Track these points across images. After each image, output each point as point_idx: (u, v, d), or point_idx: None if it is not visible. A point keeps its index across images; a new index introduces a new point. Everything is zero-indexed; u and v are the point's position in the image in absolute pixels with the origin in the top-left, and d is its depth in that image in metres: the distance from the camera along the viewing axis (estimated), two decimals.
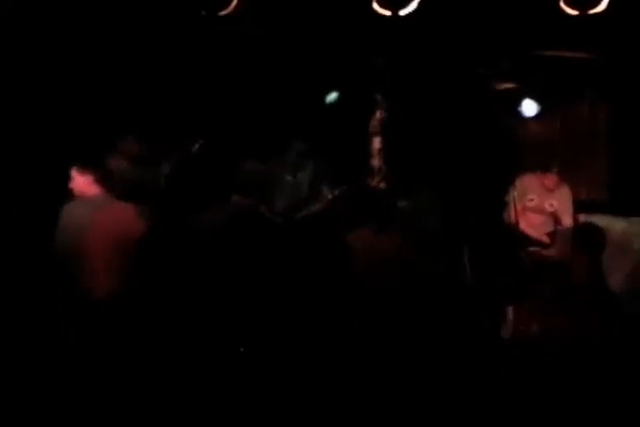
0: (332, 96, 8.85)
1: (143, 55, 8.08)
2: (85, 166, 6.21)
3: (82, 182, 6.22)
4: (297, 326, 6.46)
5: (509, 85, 8.78)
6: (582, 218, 8.25)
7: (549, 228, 8.17)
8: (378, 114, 9.02)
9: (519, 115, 9.01)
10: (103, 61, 7.96)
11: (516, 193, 7.88)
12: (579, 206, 8.32)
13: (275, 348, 6.31)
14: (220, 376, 5.96)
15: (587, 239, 6.49)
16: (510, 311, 7.44)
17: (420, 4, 6.84)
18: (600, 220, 8.07)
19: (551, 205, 8.17)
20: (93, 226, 5.93)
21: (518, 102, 8.89)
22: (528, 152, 9.42)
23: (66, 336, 5.91)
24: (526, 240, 7.96)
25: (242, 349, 6.26)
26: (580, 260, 6.29)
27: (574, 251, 6.48)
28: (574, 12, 6.79)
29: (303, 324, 6.49)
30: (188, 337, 6.13)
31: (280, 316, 6.48)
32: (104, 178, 6.20)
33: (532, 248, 7.91)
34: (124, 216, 6.01)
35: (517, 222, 7.74)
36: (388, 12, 6.87)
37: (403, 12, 6.85)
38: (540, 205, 8.17)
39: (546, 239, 8.01)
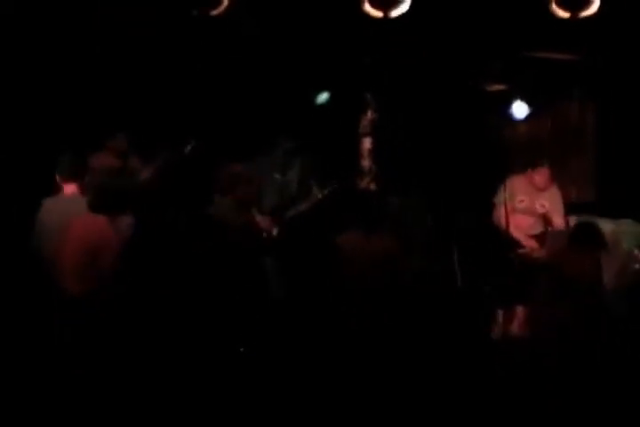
0: (323, 96, 8.82)
1: (136, 54, 8.07)
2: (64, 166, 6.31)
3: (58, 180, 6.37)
4: (290, 325, 6.48)
5: (499, 87, 8.77)
6: (572, 220, 8.26)
7: (538, 229, 8.15)
8: (368, 114, 9.01)
9: (509, 116, 9.01)
10: (97, 61, 7.95)
11: (506, 194, 7.86)
12: (568, 208, 8.31)
13: (267, 348, 6.33)
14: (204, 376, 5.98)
15: (586, 237, 6.49)
16: (500, 313, 7.47)
17: (411, 5, 6.81)
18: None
19: (542, 205, 8.13)
20: (67, 228, 5.94)
21: (508, 104, 8.89)
22: (518, 153, 9.42)
23: (43, 333, 5.91)
24: (515, 242, 7.95)
25: (241, 349, 6.28)
26: (578, 259, 6.29)
27: (571, 250, 6.48)
28: (566, 15, 6.77)
29: (296, 322, 6.51)
30: (175, 337, 6.14)
31: (272, 315, 6.50)
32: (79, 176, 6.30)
33: (521, 250, 7.91)
34: (94, 226, 5.96)
35: (507, 224, 7.72)
36: (379, 14, 6.84)
37: (394, 14, 6.81)
38: (530, 207, 8.13)
39: (532, 244, 7.99)
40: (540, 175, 8.08)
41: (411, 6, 6.85)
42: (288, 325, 6.69)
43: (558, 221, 8.06)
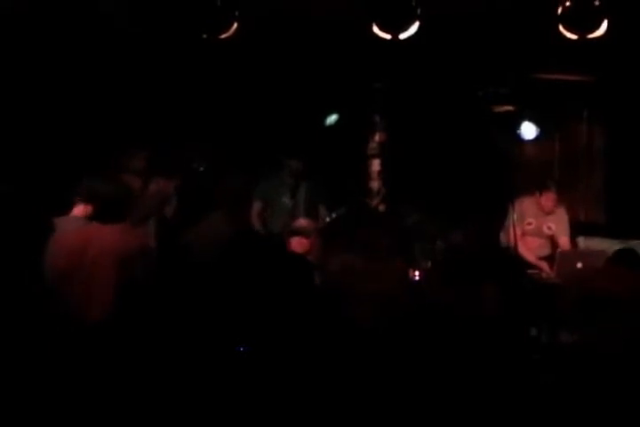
0: (332, 118, 8.85)
1: (150, 75, 8.14)
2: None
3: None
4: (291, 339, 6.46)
5: (508, 108, 8.78)
6: (581, 241, 8.28)
7: (547, 250, 8.17)
8: (377, 136, 9.03)
9: (518, 137, 9.02)
10: (115, 83, 8.02)
11: (515, 216, 7.85)
12: (577, 229, 8.33)
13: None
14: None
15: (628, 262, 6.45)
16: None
17: (419, 27, 6.82)
18: (598, 243, 8.12)
19: (549, 228, 8.17)
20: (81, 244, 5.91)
21: (517, 125, 8.90)
22: (527, 174, 9.43)
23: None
24: (525, 264, 7.95)
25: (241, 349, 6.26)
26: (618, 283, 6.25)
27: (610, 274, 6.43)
28: (574, 37, 6.77)
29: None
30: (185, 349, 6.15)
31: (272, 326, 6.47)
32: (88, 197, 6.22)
33: (530, 271, 7.91)
34: (110, 238, 5.92)
35: (516, 246, 7.70)
36: (388, 36, 6.84)
37: (402, 36, 6.81)
38: (538, 229, 8.16)
39: (543, 265, 8.00)
40: (547, 199, 8.10)
41: (419, 28, 6.85)
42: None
43: (563, 240, 8.10)
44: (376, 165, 9.07)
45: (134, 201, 7.38)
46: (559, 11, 6.69)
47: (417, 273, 7.69)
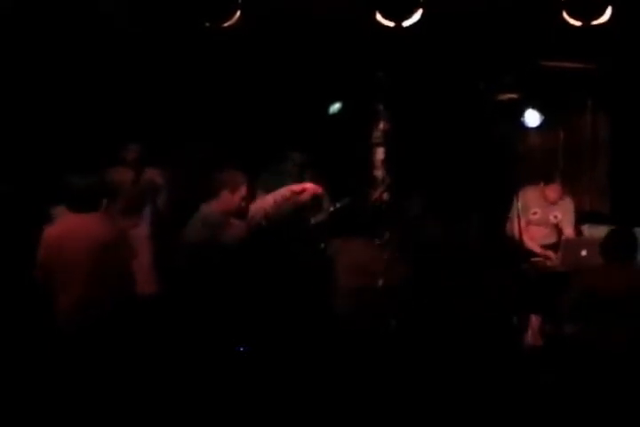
0: (335, 106, 8.84)
1: (147, 63, 8.14)
2: None
3: None
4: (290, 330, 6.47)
5: (512, 96, 8.76)
6: (585, 229, 8.27)
7: (553, 239, 8.15)
8: (381, 125, 9.01)
9: (522, 125, 9.00)
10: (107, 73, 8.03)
11: (519, 206, 7.83)
12: (581, 217, 8.32)
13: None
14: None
15: (615, 246, 6.41)
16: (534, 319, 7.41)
17: (422, 15, 6.82)
18: (603, 231, 8.08)
19: (555, 216, 8.15)
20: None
21: (521, 113, 8.88)
22: (531, 163, 9.43)
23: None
24: (529, 253, 7.93)
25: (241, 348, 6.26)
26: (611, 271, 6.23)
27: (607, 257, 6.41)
28: (578, 23, 6.77)
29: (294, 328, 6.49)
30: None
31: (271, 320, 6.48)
32: None
33: (534, 259, 7.90)
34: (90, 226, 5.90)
35: (521, 236, 7.69)
36: (391, 24, 6.84)
37: (406, 24, 6.82)
38: (543, 218, 8.14)
39: (548, 254, 7.98)
40: (552, 191, 8.08)
41: (422, 17, 6.85)
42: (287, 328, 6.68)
43: (568, 230, 8.10)
44: (380, 153, 9.03)
45: (122, 192, 7.49)
46: None
47: (418, 265, 7.69)
